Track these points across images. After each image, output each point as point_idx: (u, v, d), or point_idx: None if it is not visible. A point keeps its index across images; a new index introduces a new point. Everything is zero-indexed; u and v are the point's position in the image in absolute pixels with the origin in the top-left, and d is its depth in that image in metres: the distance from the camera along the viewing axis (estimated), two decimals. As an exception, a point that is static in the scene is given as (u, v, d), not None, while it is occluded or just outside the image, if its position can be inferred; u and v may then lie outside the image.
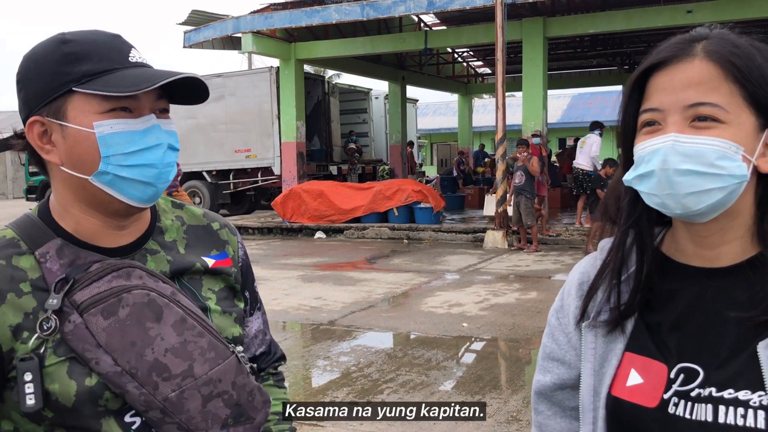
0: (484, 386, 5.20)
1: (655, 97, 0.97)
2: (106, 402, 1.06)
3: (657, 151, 0.94)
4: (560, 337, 1.15)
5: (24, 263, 1.09)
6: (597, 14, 15.54)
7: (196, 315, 1.14)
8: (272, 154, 18.04)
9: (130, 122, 1.07)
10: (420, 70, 22.59)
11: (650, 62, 0.99)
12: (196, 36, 16.55)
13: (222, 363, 1.13)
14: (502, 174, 12.95)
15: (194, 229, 1.28)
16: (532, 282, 9.38)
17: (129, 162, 1.07)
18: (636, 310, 1.04)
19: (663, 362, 0.99)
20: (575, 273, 1.16)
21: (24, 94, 1.11)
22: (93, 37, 1.11)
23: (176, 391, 1.08)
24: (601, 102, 37.66)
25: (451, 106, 37.51)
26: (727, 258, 0.99)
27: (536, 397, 1.20)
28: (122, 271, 1.10)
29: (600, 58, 23.66)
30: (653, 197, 0.96)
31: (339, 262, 11.61)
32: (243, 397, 1.16)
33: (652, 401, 0.98)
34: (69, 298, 1.07)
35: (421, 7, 14.10)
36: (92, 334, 1.05)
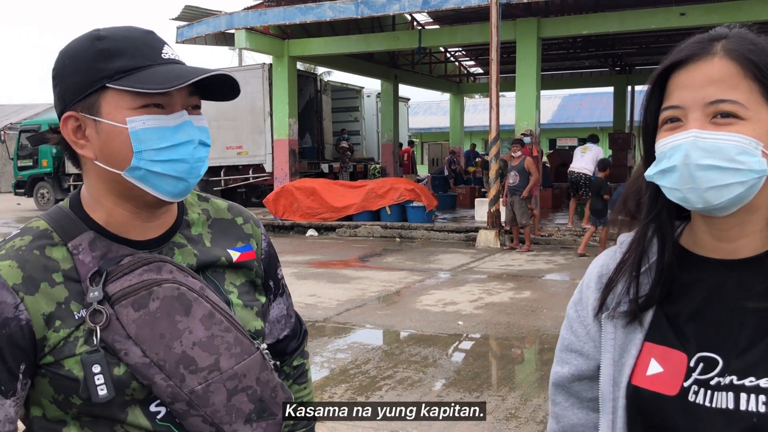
0: (482, 384, 5.22)
1: (676, 94, 0.99)
2: (132, 391, 1.08)
3: (679, 146, 0.96)
4: (579, 328, 1.16)
5: (56, 254, 1.10)
6: (590, 15, 15.61)
7: (223, 310, 1.15)
8: (264, 152, 18.01)
9: (162, 118, 1.08)
10: (412, 69, 22.61)
11: (671, 61, 1.01)
12: (189, 32, 16.48)
13: (247, 358, 1.15)
14: (495, 174, 12.98)
15: (219, 222, 1.29)
16: (525, 281, 9.42)
17: (161, 157, 1.08)
18: (656, 302, 1.06)
19: (682, 351, 1.01)
20: (595, 266, 1.18)
21: (59, 90, 1.12)
22: (127, 34, 1.12)
23: (202, 384, 1.10)
24: (591, 103, 37.85)
25: (443, 106, 37.60)
26: (746, 250, 1.01)
27: (554, 389, 1.21)
28: (153, 264, 1.12)
29: (592, 59, 23.78)
30: (675, 192, 0.98)
31: (332, 260, 11.60)
32: (266, 393, 1.18)
33: (672, 389, 1.00)
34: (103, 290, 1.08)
35: (416, 6, 14.10)
36: (122, 325, 1.07)
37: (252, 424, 1.16)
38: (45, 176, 22.18)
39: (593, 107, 37.57)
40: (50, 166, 21.92)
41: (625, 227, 1.15)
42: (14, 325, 1.04)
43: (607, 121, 30.99)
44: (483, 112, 32.73)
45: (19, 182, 22.91)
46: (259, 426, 1.17)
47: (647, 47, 21.85)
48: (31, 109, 37.52)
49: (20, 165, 22.69)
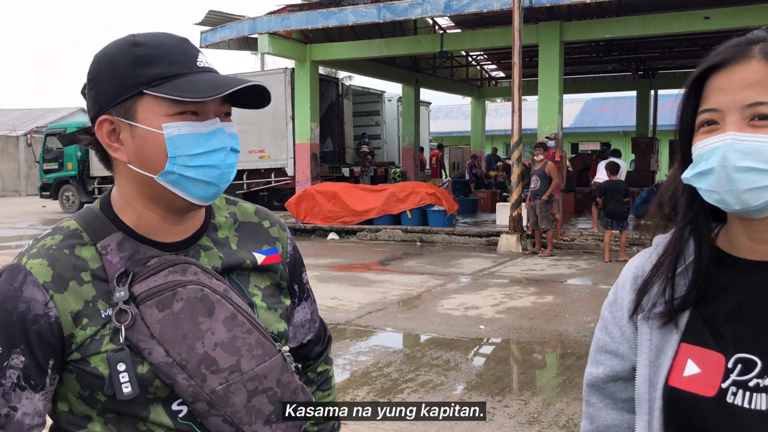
0: (504, 388, 5.21)
1: (713, 97, 0.99)
2: (155, 390, 1.10)
3: (716, 149, 0.96)
4: (614, 329, 1.16)
5: (85, 253, 1.13)
6: (613, 19, 15.53)
7: (246, 312, 1.17)
8: (286, 155, 18.11)
9: (196, 125, 1.11)
10: (434, 73, 22.61)
11: (708, 64, 1.01)
12: (213, 36, 16.63)
13: (268, 360, 1.17)
14: (518, 178, 12.94)
15: (246, 225, 1.31)
16: (547, 286, 9.37)
17: (194, 163, 1.11)
18: (693, 303, 1.05)
19: (720, 352, 1.01)
20: (630, 267, 1.18)
21: (95, 93, 1.14)
22: (163, 41, 1.14)
23: (223, 385, 1.12)
24: (614, 107, 37.58)
25: (464, 110, 37.56)
26: None
27: (588, 389, 1.20)
28: (178, 266, 1.14)
29: (614, 63, 23.64)
30: (712, 194, 0.98)
31: (353, 263, 11.63)
32: (287, 394, 1.19)
33: (710, 390, 0.99)
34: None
35: (438, 10, 14.12)
36: (147, 325, 1.09)
37: (272, 425, 1.17)
38: (70, 179, 22.49)
39: (616, 111, 37.31)
40: (75, 169, 22.21)
41: (660, 230, 1.15)
42: (44, 322, 1.07)
43: (630, 125, 30.75)
44: (505, 115, 32.65)
45: (45, 185, 23.24)
46: (279, 427, 1.18)
47: (671, 51, 21.69)
48: (57, 113, 38.03)
49: (46, 168, 23.03)
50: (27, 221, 20.06)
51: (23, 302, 1.07)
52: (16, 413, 1.07)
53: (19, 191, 35.98)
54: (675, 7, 14.79)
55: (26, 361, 1.07)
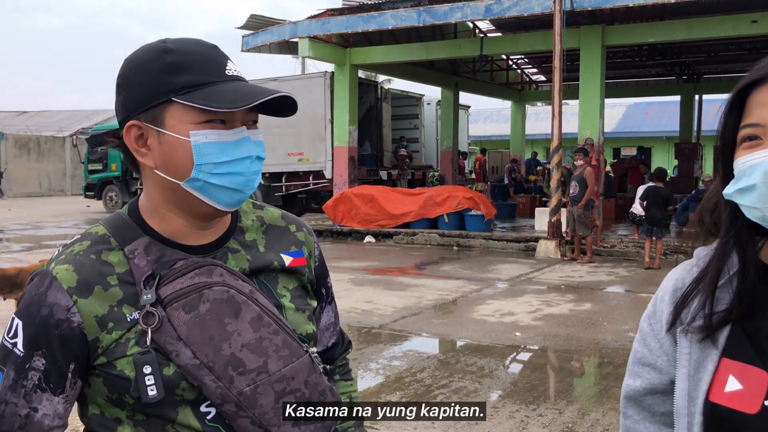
0: (539, 396, 5.15)
1: (755, 112, 0.98)
2: (182, 391, 1.11)
3: (759, 165, 0.95)
4: (652, 342, 1.15)
5: (113, 258, 1.14)
6: (656, 23, 15.25)
7: (272, 313, 1.17)
8: (324, 158, 18.20)
9: (223, 133, 1.12)
10: (473, 77, 22.51)
11: (751, 78, 1.00)
12: (254, 40, 16.81)
13: (295, 361, 1.17)
14: (557, 183, 12.80)
15: (273, 229, 1.32)
16: (585, 293, 9.24)
17: (219, 170, 1.12)
18: (736, 317, 1.03)
19: (763, 369, 0.98)
20: (669, 280, 1.16)
21: (123, 98, 1.16)
22: (193, 48, 1.15)
23: (251, 386, 1.12)
24: (657, 112, 36.95)
25: (503, 113, 37.31)
26: None
27: (626, 402, 1.19)
28: (204, 268, 1.15)
29: (658, 67, 23.23)
30: (755, 210, 0.96)
31: (389, 267, 11.62)
32: (315, 395, 1.19)
33: (752, 407, 0.97)
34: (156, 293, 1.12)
35: (478, 14, 14.05)
36: (174, 327, 1.10)
37: (300, 426, 1.17)
38: (114, 180, 22.98)
39: (659, 116, 36.68)
40: (119, 170, 22.68)
41: (700, 242, 1.13)
42: (65, 327, 1.08)
43: (674, 130, 30.18)
44: (545, 119, 32.34)
45: (89, 185, 23.78)
46: (308, 429, 1.18)
47: (716, 55, 21.23)
48: (102, 114, 38.87)
49: (91, 169, 23.57)
50: (72, 220, 20.52)
51: (46, 307, 1.09)
52: (36, 414, 1.09)
53: (65, 191, 36.86)
54: (721, 10, 14.47)
55: (47, 364, 1.09)
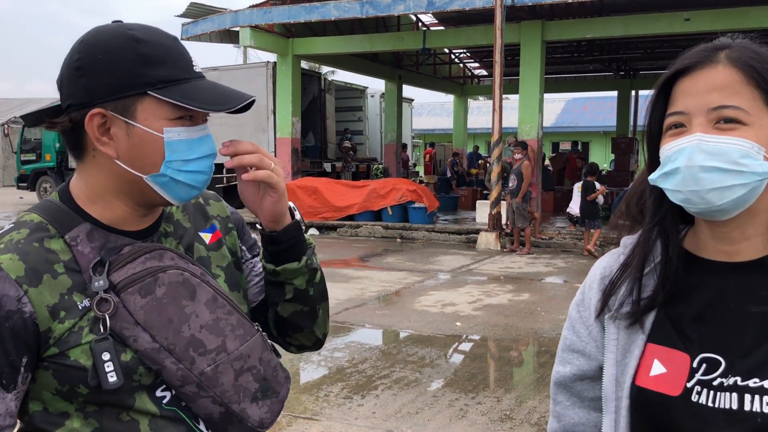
0: (478, 384, 5.23)
1: (680, 101, 1.01)
2: (140, 377, 1.11)
3: (683, 150, 0.98)
4: (581, 329, 1.18)
5: (55, 246, 1.11)
6: (595, 19, 15.61)
7: (224, 294, 1.20)
8: (267, 150, 17.94)
9: (191, 130, 1.13)
10: (417, 70, 22.62)
11: (676, 68, 1.03)
12: (194, 29, 16.51)
13: (250, 339, 1.21)
14: (497, 176, 12.99)
15: (189, 207, 1.32)
16: (524, 284, 9.42)
17: (187, 168, 1.13)
18: (660, 303, 1.07)
19: (685, 352, 1.03)
20: (597, 268, 1.19)
21: (86, 82, 1.10)
22: (162, 40, 1.13)
23: (211, 366, 1.14)
24: (595, 107, 37.82)
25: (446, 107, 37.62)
26: (747, 253, 1.03)
27: (555, 388, 1.22)
28: (155, 252, 1.15)
29: (596, 63, 23.76)
30: (678, 194, 1.00)
31: (332, 260, 11.61)
32: (269, 372, 1.23)
33: (675, 390, 1.01)
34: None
35: (421, 7, 14.11)
36: (130, 312, 1.09)
37: (258, 402, 1.20)
38: (48, 170, 22.24)
39: (597, 111, 37.55)
40: (53, 160, 21.98)
41: (626, 231, 1.17)
42: (17, 318, 1.04)
43: (611, 125, 30.97)
44: (487, 114, 32.74)
45: (22, 176, 22.94)
46: (265, 404, 1.21)
47: (652, 52, 21.84)
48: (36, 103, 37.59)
49: (23, 159, 22.75)
50: (3, 212, 19.81)
51: None
52: None
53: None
54: (656, 8, 14.90)
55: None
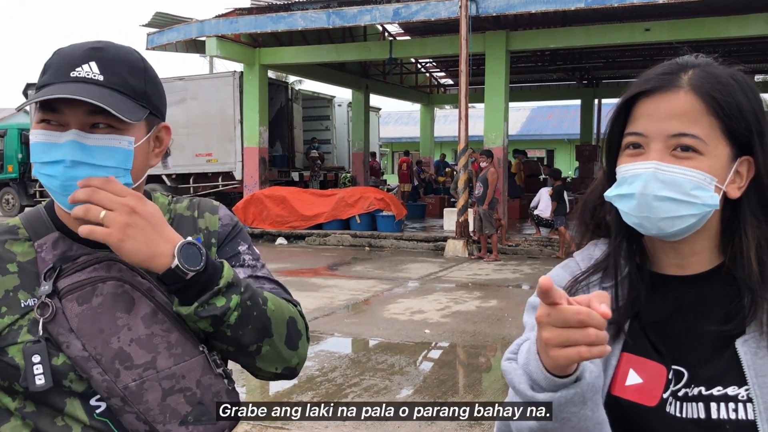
0: (447, 390, 5.29)
1: (640, 122, 1.04)
2: (70, 383, 1.12)
3: (639, 176, 1.02)
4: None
5: (17, 248, 1.18)
6: (558, 29, 15.88)
7: (168, 311, 1.16)
8: (234, 159, 17.94)
9: (52, 134, 1.12)
10: (383, 79, 22.72)
11: (638, 89, 1.06)
12: (160, 38, 16.41)
13: (188, 360, 1.16)
14: (464, 184, 13.12)
15: (180, 219, 1.32)
16: (492, 290, 9.53)
17: (43, 171, 1.14)
18: (632, 314, 1.10)
19: (661, 363, 1.06)
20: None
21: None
22: (70, 51, 1.16)
23: (137, 381, 1.11)
24: (559, 115, 38.31)
25: (413, 116, 37.77)
26: (697, 266, 1.08)
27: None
28: (104, 263, 1.16)
29: (560, 72, 24.13)
30: (631, 217, 1.04)
31: (301, 269, 11.61)
32: (207, 396, 1.17)
33: (651, 400, 1.04)
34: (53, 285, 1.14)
35: (387, 17, 14.23)
36: (66, 318, 1.11)
37: (188, 426, 1.15)
38: (10, 182, 21.83)
39: (561, 119, 38.04)
40: (16, 171, 21.59)
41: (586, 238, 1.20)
42: None
43: (575, 133, 31.39)
44: (453, 122, 32.88)
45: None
46: (196, 429, 1.15)
47: (614, 61, 22.27)
48: (-3, 113, 36.85)
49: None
50: (-36, 225, 19.42)
51: None
52: None
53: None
54: (618, 18, 15.21)
55: None
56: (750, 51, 20.63)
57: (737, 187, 1.04)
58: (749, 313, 1.02)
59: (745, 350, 1.00)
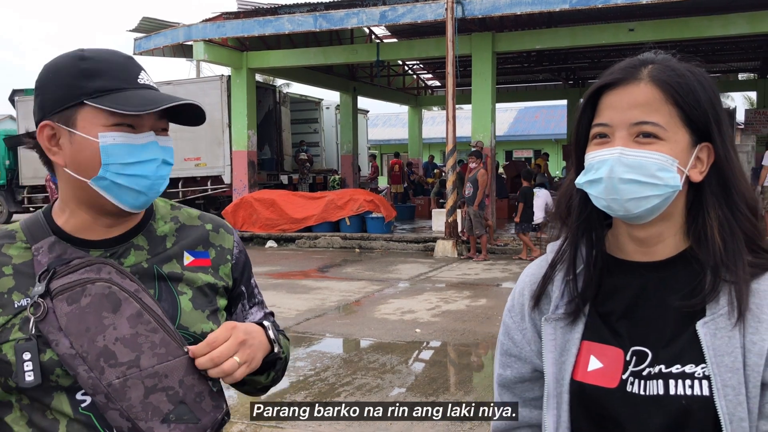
0: (438, 388, 5.37)
1: (605, 113, 1.13)
2: (57, 378, 1.18)
3: (605, 161, 1.10)
4: (515, 334, 1.27)
5: (12, 251, 1.25)
6: (543, 31, 16.02)
7: (154, 313, 1.21)
8: (222, 163, 17.96)
9: (131, 137, 1.20)
10: (371, 82, 22.81)
11: (603, 82, 1.15)
12: (147, 43, 16.40)
13: (171, 360, 1.19)
14: (452, 185, 13.21)
15: (188, 228, 1.38)
16: (481, 289, 9.63)
17: (126, 171, 1.20)
18: (588, 302, 1.18)
19: (618, 347, 1.14)
20: (526, 275, 1.30)
21: (40, 100, 1.24)
22: (108, 57, 1.24)
23: (120, 379, 1.16)
24: (546, 115, 38.53)
25: (401, 118, 37.87)
26: (663, 252, 1.16)
27: (500, 389, 1.30)
28: (94, 266, 1.22)
29: (546, 73, 24.29)
30: (600, 200, 1.12)
31: (292, 271, 11.66)
32: (190, 396, 1.20)
33: (612, 382, 1.12)
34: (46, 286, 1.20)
35: (374, 20, 14.31)
36: (56, 317, 1.17)
37: (170, 424, 1.18)
38: (-2, 188, 21.77)
39: (548, 119, 38.26)
40: (3, 177, 21.50)
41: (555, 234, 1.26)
42: None
43: (562, 133, 31.62)
44: (441, 124, 33.09)
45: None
46: (178, 428, 1.18)
47: (599, 61, 22.43)
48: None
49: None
50: (-49, 232, 19.33)
51: None
52: None
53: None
54: (602, 19, 15.36)
55: None
56: (733, 50, 20.88)
57: (698, 171, 1.12)
58: (710, 292, 1.09)
59: (705, 331, 1.08)
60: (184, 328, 1.27)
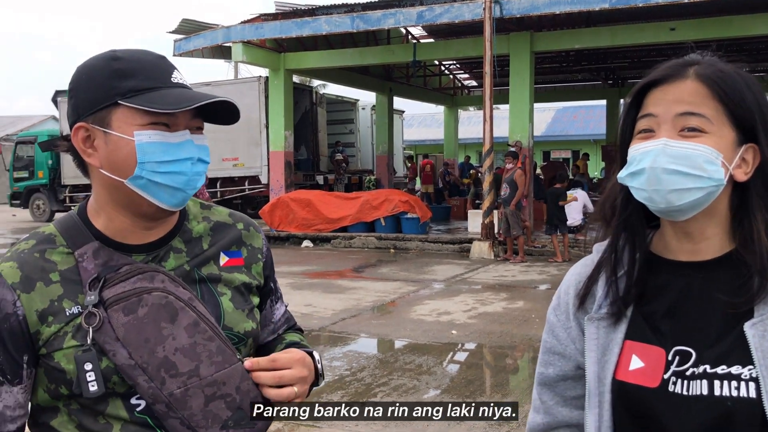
0: (474, 390, 5.33)
1: (651, 107, 1.13)
2: (113, 385, 1.17)
3: (649, 152, 1.09)
4: (560, 332, 1.27)
5: (56, 257, 1.22)
6: (583, 30, 15.84)
7: (209, 321, 1.23)
8: (260, 163, 18.12)
9: (166, 135, 1.19)
10: (407, 82, 22.80)
11: (649, 79, 1.15)
12: (187, 45, 16.63)
13: (228, 368, 1.21)
14: (489, 186, 13.13)
15: (220, 226, 1.39)
16: (518, 291, 9.54)
17: (162, 169, 1.19)
18: (632, 302, 1.17)
19: (660, 346, 1.13)
20: (572, 274, 1.30)
21: (74, 102, 1.23)
22: (141, 57, 1.24)
23: (181, 389, 1.17)
24: (585, 116, 38.09)
25: (437, 118, 37.79)
26: (708, 252, 1.14)
27: (540, 388, 1.30)
28: (147, 274, 1.21)
29: (584, 72, 24.02)
30: (642, 192, 1.11)
31: (327, 271, 11.70)
32: (246, 402, 1.22)
33: (653, 382, 1.11)
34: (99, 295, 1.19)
35: (411, 20, 14.30)
36: (113, 328, 1.16)
37: (228, 430, 1.20)
38: (41, 187, 22.26)
39: (587, 120, 37.82)
40: (46, 177, 22.00)
41: (600, 235, 1.25)
42: (13, 320, 1.16)
43: (600, 133, 31.21)
44: (477, 124, 32.93)
45: (15, 193, 22.96)
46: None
47: (639, 61, 22.11)
48: (27, 120, 37.57)
49: (16, 176, 22.77)
50: (-3, 230, 19.81)
51: None
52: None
53: (-12, 200, 35.39)
54: (643, 18, 15.12)
55: (1, 357, 1.16)
56: (778, 49, 20.36)
57: (743, 172, 1.11)
58: (758, 295, 1.07)
59: (753, 333, 1.06)
60: (229, 328, 1.28)
